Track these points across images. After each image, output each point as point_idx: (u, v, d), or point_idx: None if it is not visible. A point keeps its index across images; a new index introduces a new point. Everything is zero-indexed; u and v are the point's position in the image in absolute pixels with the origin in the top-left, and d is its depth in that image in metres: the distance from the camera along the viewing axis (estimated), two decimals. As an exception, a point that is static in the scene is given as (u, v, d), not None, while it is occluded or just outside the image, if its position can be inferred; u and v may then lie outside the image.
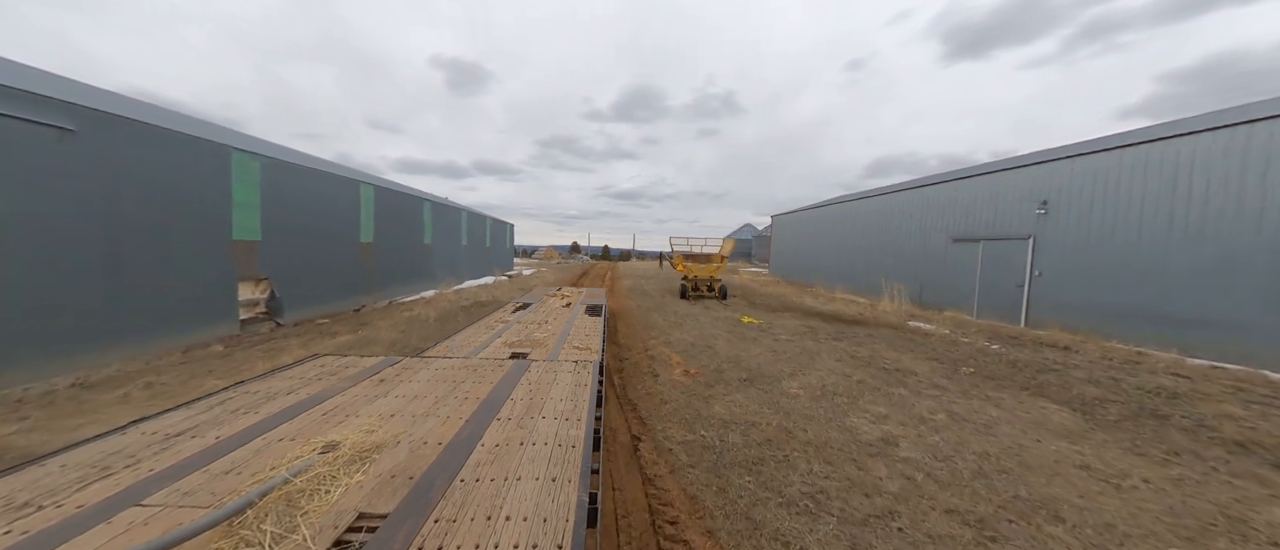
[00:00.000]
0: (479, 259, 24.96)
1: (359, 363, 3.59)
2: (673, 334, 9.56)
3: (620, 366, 7.27)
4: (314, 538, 1.46)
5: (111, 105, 7.01)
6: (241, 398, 2.75)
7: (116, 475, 1.83)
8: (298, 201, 10.30)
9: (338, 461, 1.94)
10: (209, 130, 9.09)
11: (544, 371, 3.41)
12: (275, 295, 9.27)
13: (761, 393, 5.79)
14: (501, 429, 2.36)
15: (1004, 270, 11.50)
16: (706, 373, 6.67)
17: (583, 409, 2.66)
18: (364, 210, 13.02)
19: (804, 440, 4.43)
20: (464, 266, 22.13)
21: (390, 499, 1.69)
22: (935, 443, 4.46)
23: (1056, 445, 4.55)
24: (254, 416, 2.45)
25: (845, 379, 6.51)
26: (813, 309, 14.09)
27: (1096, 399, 5.95)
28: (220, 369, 6.63)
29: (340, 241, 11.98)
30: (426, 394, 2.88)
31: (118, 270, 6.66)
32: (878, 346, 8.77)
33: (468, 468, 1.94)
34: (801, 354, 7.97)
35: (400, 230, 15.40)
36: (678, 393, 5.78)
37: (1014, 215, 11.32)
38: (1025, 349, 8.58)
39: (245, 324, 8.72)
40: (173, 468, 1.89)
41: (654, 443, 4.47)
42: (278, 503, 1.63)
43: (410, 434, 2.27)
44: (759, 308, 14.31)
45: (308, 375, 3.25)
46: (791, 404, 5.38)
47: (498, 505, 1.67)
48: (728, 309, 13.75)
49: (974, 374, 7.06)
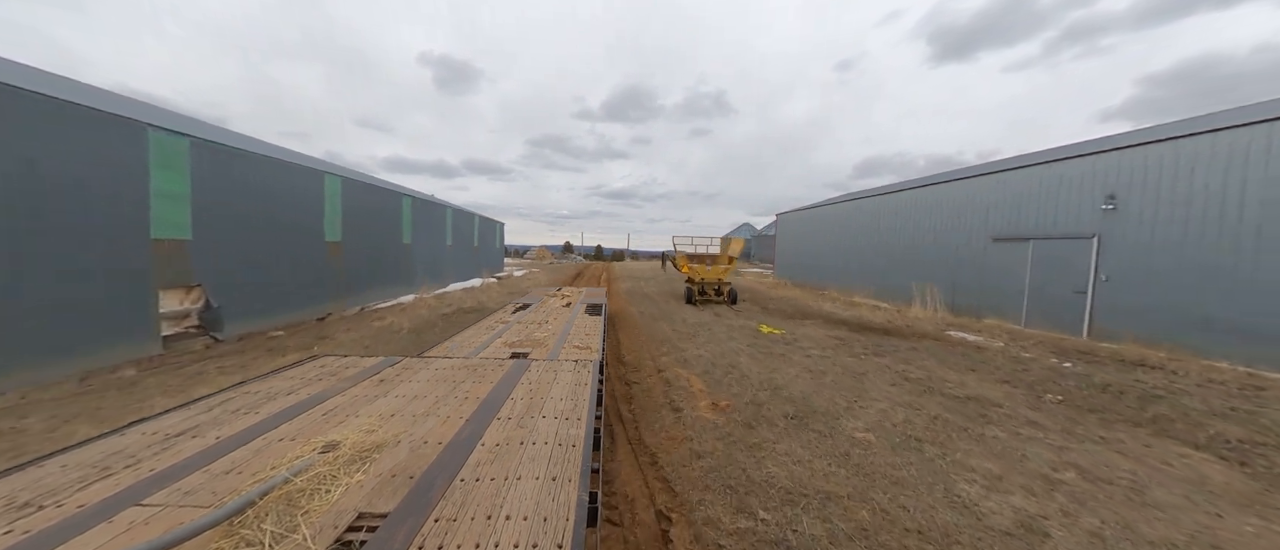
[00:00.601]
0: (466, 260, 23.49)
1: (359, 363, 3.63)
2: (687, 349, 8.25)
3: (629, 394, 5.94)
4: (314, 537, 1.47)
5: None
6: (242, 398, 2.77)
7: (117, 475, 1.84)
8: (243, 193, 8.86)
9: (338, 461, 1.96)
10: (121, 105, 7.63)
11: (544, 371, 3.43)
12: (211, 305, 7.85)
13: (820, 438, 4.49)
14: (502, 428, 2.37)
15: (1059, 273, 10.28)
16: (741, 405, 5.36)
17: (583, 408, 2.65)
18: (330, 205, 11.58)
19: (911, 527, 3.13)
20: (449, 268, 20.67)
21: (390, 498, 1.71)
22: (1095, 527, 3.18)
23: (1249, 522, 3.30)
24: (254, 416, 2.46)
25: (915, 412, 5.23)
26: (835, 316, 12.84)
27: (1243, 441, 4.72)
28: (111, 406, 5.22)
29: (300, 240, 10.54)
30: (426, 394, 2.90)
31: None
32: (928, 364, 7.52)
33: (468, 467, 1.96)
34: (845, 375, 6.69)
35: (375, 228, 13.97)
36: (711, 438, 4.47)
37: (1072, 211, 10.11)
38: (1105, 368, 7.36)
39: (170, 341, 7.29)
40: (173, 468, 1.90)
41: (691, 529, 3.15)
42: (278, 502, 1.64)
43: (410, 434, 2.29)
44: (774, 314, 13.04)
45: (308, 375, 3.27)
46: (866, 457, 4.08)
47: (498, 504, 1.69)
48: (740, 316, 12.46)
49: (1063, 403, 5.83)
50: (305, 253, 10.67)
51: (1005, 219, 11.73)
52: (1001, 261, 11.73)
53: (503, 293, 17.01)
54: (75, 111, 6.11)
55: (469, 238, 24.48)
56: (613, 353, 8.19)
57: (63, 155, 5.98)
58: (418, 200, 17.60)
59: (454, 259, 21.62)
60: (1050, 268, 10.48)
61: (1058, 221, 10.40)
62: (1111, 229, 9.31)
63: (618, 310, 13.45)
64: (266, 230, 9.40)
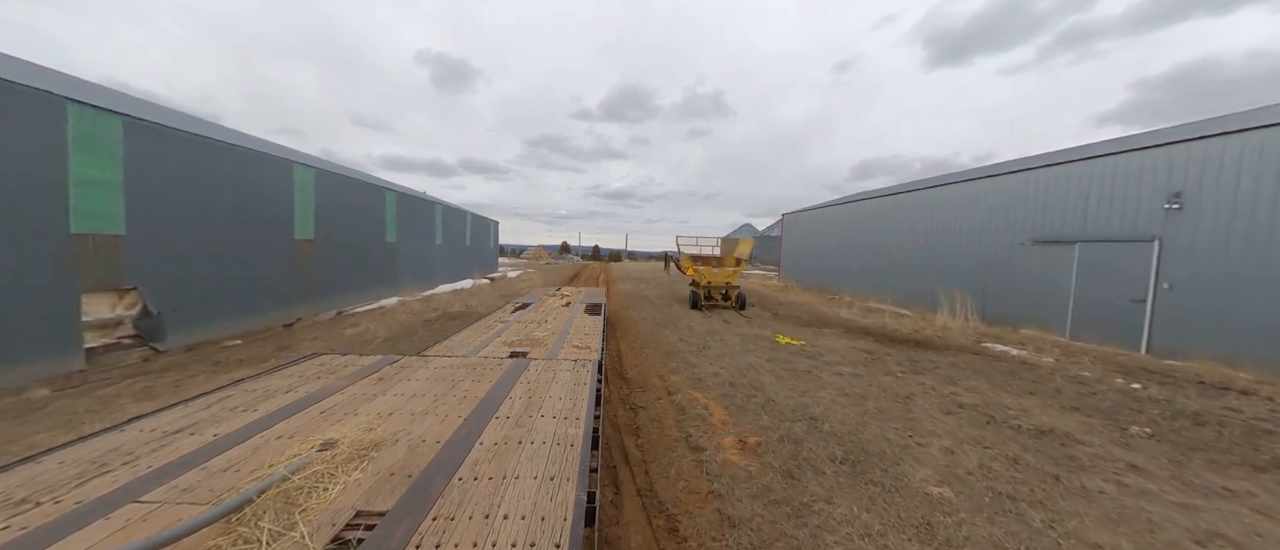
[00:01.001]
0: (457, 260, 22.46)
1: (358, 361, 3.65)
2: (699, 364, 7.29)
3: (635, 423, 4.99)
4: (312, 535, 1.48)
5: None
6: (240, 395, 2.77)
7: (114, 472, 1.85)
8: (194, 183, 7.86)
9: (336, 459, 1.96)
10: (36, 75, 6.62)
11: (543, 370, 3.46)
12: (150, 311, 6.85)
13: (884, 494, 3.54)
14: (500, 427, 2.37)
15: (1110, 280, 9.34)
16: (773, 443, 4.40)
17: (582, 408, 2.65)
18: (300, 198, 10.58)
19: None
20: (438, 268, 19.66)
21: (388, 497, 1.71)
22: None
23: None
24: (252, 414, 2.46)
25: (989, 454, 4.29)
26: (855, 324, 11.89)
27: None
28: (2, 437, 4.23)
29: (265, 237, 9.54)
30: (425, 392, 2.90)
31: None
32: (978, 384, 6.59)
33: (466, 466, 1.96)
34: (889, 400, 5.74)
35: (354, 225, 12.97)
36: (744, 494, 3.51)
37: (1128, 211, 9.15)
38: (1186, 392, 6.42)
39: (97, 354, 6.30)
40: (171, 465, 1.91)
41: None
42: (276, 500, 1.64)
43: (409, 432, 2.29)
44: (788, 321, 12.09)
45: (306, 374, 3.27)
46: (956, 530, 3.12)
47: (496, 503, 1.69)
48: (752, 323, 11.51)
49: (1155, 438, 4.90)
50: (270, 251, 9.66)
51: (1047, 219, 10.77)
52: (1041, 266, 10.78)
53: (494, 295, 16.03)
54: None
55: (460, 236, 23.46)
56: (613, 366, 7.23)
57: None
58: (403, 196, 16.60)
59: (444, 259, 20.59)
60: (1100, 274, 9.54)
61: (1110, 222, 9.44)
62: (1176, 231, 8.36)
63: (618, 314, 12.51)
64: (222, 225, 8.40)
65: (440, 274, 19.74)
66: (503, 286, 20.31)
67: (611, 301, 14.72)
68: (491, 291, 17.69)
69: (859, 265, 18.51)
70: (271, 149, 10.71)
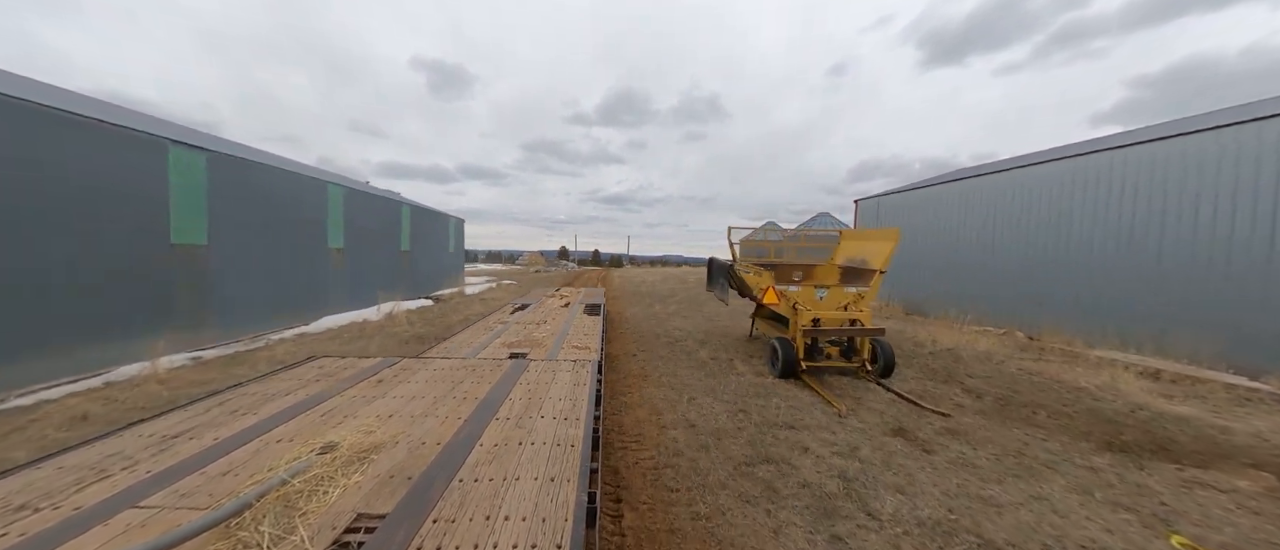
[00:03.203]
0: (369, 273, 13.94)
1: (357, 364, 3.74)
2: None
3: None
4: (312, 539, 1.51)
5: None
6: (239, 399, 2.86)
7: (113, 477, 1.89)
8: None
9: (336, 462, 2.01)
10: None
11: (543, 371, 3.56)
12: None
13: None
14: (500, 429, 2.45)
15: None
16: None
17: (581, 408, 2.75)
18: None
19: None
20: (324, 291, 11.87)
21: (389, 499, 1.75)
22: None
23: None
24: (252, 418, 2.55)
25: None
26: (1112, 416, 5.23)
27: None
28: None
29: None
30: (425, 394, 3.00)
31: None
32: None
33: (466, 468, 2.02)
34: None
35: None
36: None
37: None
38: None
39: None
40: (170, 469, 1.96)
41: None
42: (276, 504, 1.69)
43: (409, 434, 2.36)
44: (1020, 419, 5.14)
45: (306, 376, 3.36)
46: None
47: (496, 505, 1.74)
48: (965, 439, 4.52)
49: None
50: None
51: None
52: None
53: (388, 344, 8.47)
54: None
55: (384, 237, 15.08)
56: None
57: None
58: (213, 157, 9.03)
59: (332, 276, 12.21)
60: None
61: None
62: None
63: (628, 416, 5.03)
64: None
65: (328, 299, 11.98)
66: (431, 317, 11.98)
67: (618, 367, 7.22)
68: (388, 334, 9.48)
69: (1054, 284, 10.53)
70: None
